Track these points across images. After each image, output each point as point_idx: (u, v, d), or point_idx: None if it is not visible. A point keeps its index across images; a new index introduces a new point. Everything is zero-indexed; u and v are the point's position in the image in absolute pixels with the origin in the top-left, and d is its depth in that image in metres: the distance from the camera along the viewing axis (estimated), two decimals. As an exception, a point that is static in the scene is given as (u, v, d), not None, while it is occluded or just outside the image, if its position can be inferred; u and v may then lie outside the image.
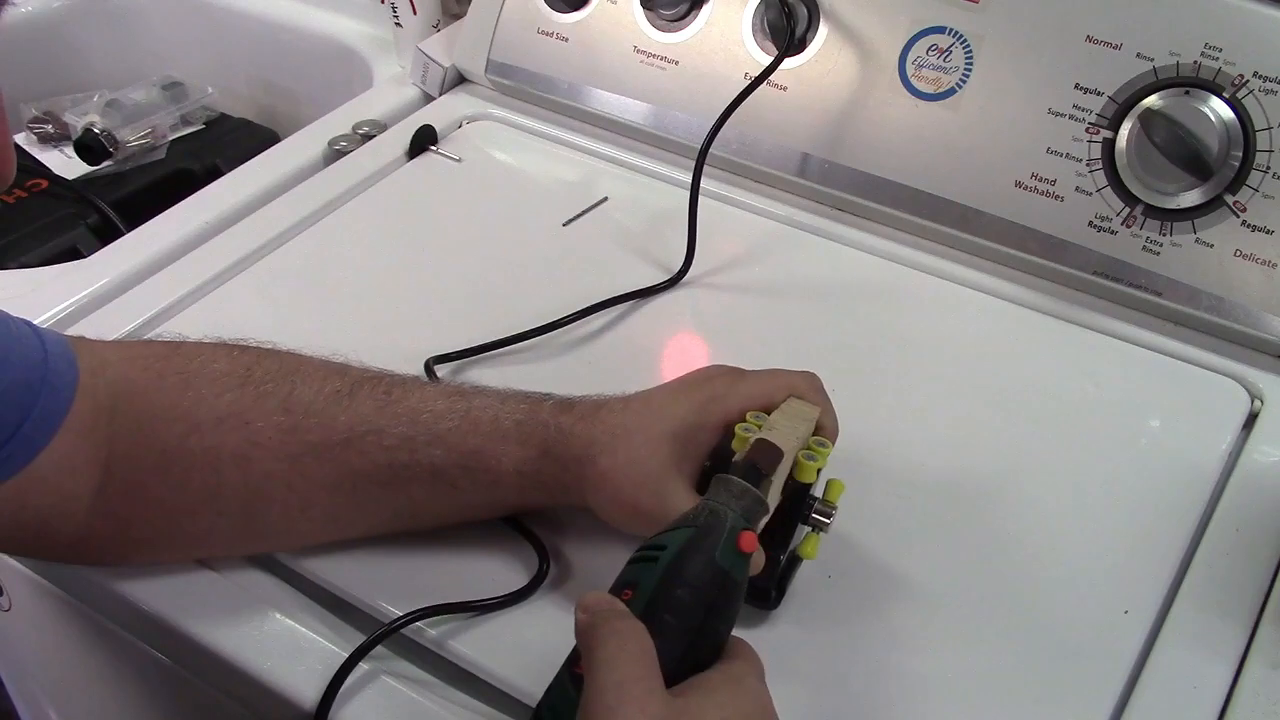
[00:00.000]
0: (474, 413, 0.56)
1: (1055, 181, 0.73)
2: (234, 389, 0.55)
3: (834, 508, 0.54)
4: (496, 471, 0.55)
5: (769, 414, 0.54)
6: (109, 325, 0.72)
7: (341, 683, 0.52)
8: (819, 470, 0.53)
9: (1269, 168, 0.67)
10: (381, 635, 0.53)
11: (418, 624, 0.54)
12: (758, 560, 0.50)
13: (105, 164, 1.06)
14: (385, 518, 0.57)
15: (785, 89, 0.81)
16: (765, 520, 0.50)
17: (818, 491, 0.54)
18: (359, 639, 0.54)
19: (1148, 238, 0.71)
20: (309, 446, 0.54)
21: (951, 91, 0.76)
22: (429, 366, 0.68)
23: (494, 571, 0.57)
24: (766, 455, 0.49)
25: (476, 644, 0.54)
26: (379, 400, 0.56)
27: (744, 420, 0.54)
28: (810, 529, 0.54)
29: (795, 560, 0.56)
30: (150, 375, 0.55)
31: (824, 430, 0.55)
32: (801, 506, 0.53)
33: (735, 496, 0.47)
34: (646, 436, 0.54)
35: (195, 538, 0.57)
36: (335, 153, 0.90)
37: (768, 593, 0.55)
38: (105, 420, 0.53)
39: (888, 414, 0.67)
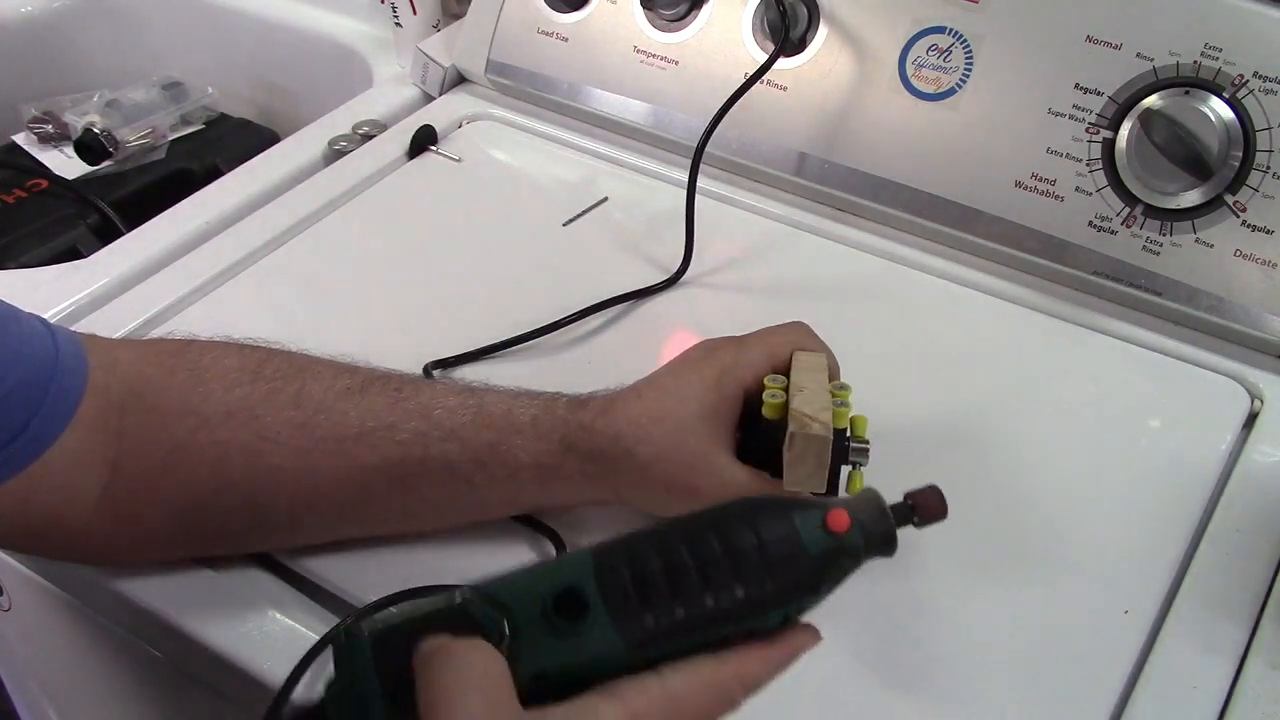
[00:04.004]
0: (487, 408, 0.56)
1: (1055, 181, 0.73)
2: (244, 384, 0.55)
3: (867, 442, 0.55)
4: (513, 465, 0.55)
5: (783, 374, 0.55)
6: (109, 325, 0.72)
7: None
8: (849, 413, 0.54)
9: (1269, 168, 0.67)
10: None
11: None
12: None
13: (105, 164, 1.05)
14: (396, 516, 0.57)
15: (785, 89, 0.81)
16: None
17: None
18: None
19: (1148, 238, 0.71)
20: (318, 441, 0.54)
21: (951, 91, 0.76)
22: (427, 370, 0.67)
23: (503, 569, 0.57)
24: (932, 505, 0.41)
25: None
26: (390, 397, 0.56)
27: (766, 386, 0.54)
28: (852, 467, 0.54)
29: None
30: (161, 371, 0.55)
31: (831, 372, 0.56)
32: (844, 450, 0.54)
33: (872, 519, 0.40)
34: (678, 421, 0.54)
35: (201, 535, 0.57)
36: (335, 153, 0.90)
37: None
38: (115, 417, 0.53)
39: (886, 414, 0.66)
